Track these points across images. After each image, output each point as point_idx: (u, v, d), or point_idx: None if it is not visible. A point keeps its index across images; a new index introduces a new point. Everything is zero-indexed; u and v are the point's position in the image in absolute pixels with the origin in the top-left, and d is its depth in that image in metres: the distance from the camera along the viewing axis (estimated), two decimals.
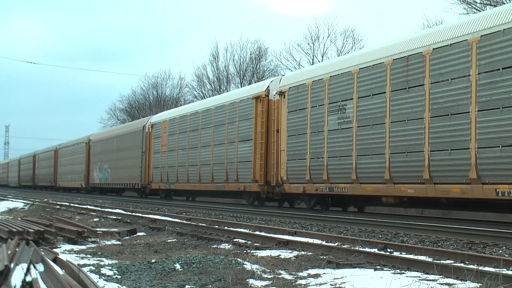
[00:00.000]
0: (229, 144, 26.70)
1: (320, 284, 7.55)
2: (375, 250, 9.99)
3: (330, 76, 19.85)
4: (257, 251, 10.74)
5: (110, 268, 9.00)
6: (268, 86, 24.34)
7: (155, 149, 35.82)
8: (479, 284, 7.04)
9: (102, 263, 9.68)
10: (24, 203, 32.37)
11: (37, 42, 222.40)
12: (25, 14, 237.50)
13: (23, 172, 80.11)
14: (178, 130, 32.76)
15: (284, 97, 22.42)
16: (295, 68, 45.39)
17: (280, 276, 8.21)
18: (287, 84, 22.40)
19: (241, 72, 52.88)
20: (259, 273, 8.33)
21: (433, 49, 15.87)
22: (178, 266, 9.06)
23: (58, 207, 26.38)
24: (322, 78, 20.28)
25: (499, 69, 14.03)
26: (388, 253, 9.61)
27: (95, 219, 20.08)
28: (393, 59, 17.19)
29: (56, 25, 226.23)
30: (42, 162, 68.01)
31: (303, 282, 7.77)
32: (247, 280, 7.85)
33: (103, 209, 23.55)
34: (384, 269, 8.42)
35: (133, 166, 38.52)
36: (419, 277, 7.72)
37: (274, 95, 23.34)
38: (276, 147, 23.04)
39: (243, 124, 25.69)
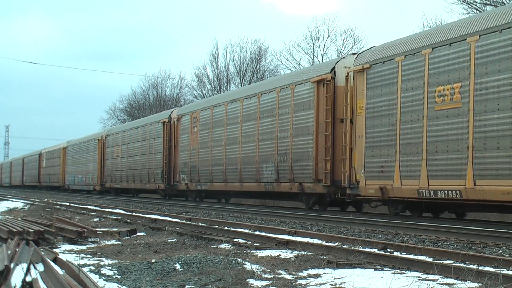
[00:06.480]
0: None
1: (320, 284, 7.55)
2: (375, 250, 9.99)
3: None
4: (257, 251, 10.75)
5: (110, 268, 9.01)
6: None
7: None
8: (479, 284, 7.04)
9: (102, 263, 9.69)
10: (24, 203, 32.37)
11: (41, 42, 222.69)
12: (30, 13, 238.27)
13: (113, 163, 42.76)
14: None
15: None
16: (295, 68, 45.38)
17: (280, 276, 8.21)
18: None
19: (241, 72, 52.91)
20: (259, 273, 8.33)
21: None
22: (178, 266, 9.06)
23: (58, 207, 26.39)
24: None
25: None
26: (388, 253, 9.61)
27: (95, 219, 20.09)
28: None
29: (59, 25, 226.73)
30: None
31: (303, 282, 7.77)
32: (247, 280, 7.85)
33: (103, 209, 23.54)
34: (384, 269, 8.42)
35: None
36: (419, 277, 7.72)
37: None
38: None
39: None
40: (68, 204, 28.59)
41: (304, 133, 21.35)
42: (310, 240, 11.53)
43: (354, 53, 20.61)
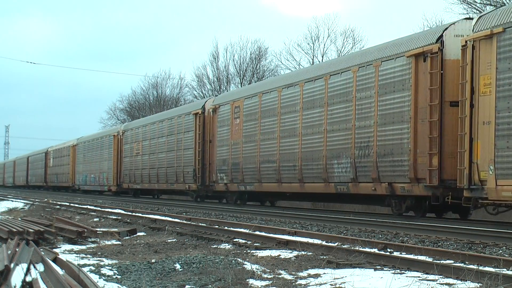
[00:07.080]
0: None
1: (320, 284, 7.55)
2: (375, 250, 9.99)
3: None
4: (257, 251, 10.75)
5: (110, 268, 9.01)
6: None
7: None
8: (479, 284, 7.04)
9: (102, 263, 9.69)
10: (24, 203, 32.38)
11: (41, 42, 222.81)
12: (30, 13, 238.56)
13: (133, 161, 40.07)
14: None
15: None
16: (295, 68, 45.37)
17: (280, 276, 8.21)
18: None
19: (241, 72, 52.93)
20: (259, 273, 8.33)
21: None
22: (178, 266, 9.06)
23: (58, 207, 26.40)
24: None
25: None
26: (388, 253, 9.61)
27: (95, 219, 20.09)
28: None
29: (59, 25, 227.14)
30: None
31: (303, 282, 7.77)
32: (247, 280, 7.85)
33: (103, 209, 23.55)
34: (384, 269, 8.42)
35: None
36: (419, 277, 7.72)
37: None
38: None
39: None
40: (68, 204, 28.60)
41: (396, 121, 17.40)
42: (310, 240, 11.53)
43: (469, 18, 16.46)
